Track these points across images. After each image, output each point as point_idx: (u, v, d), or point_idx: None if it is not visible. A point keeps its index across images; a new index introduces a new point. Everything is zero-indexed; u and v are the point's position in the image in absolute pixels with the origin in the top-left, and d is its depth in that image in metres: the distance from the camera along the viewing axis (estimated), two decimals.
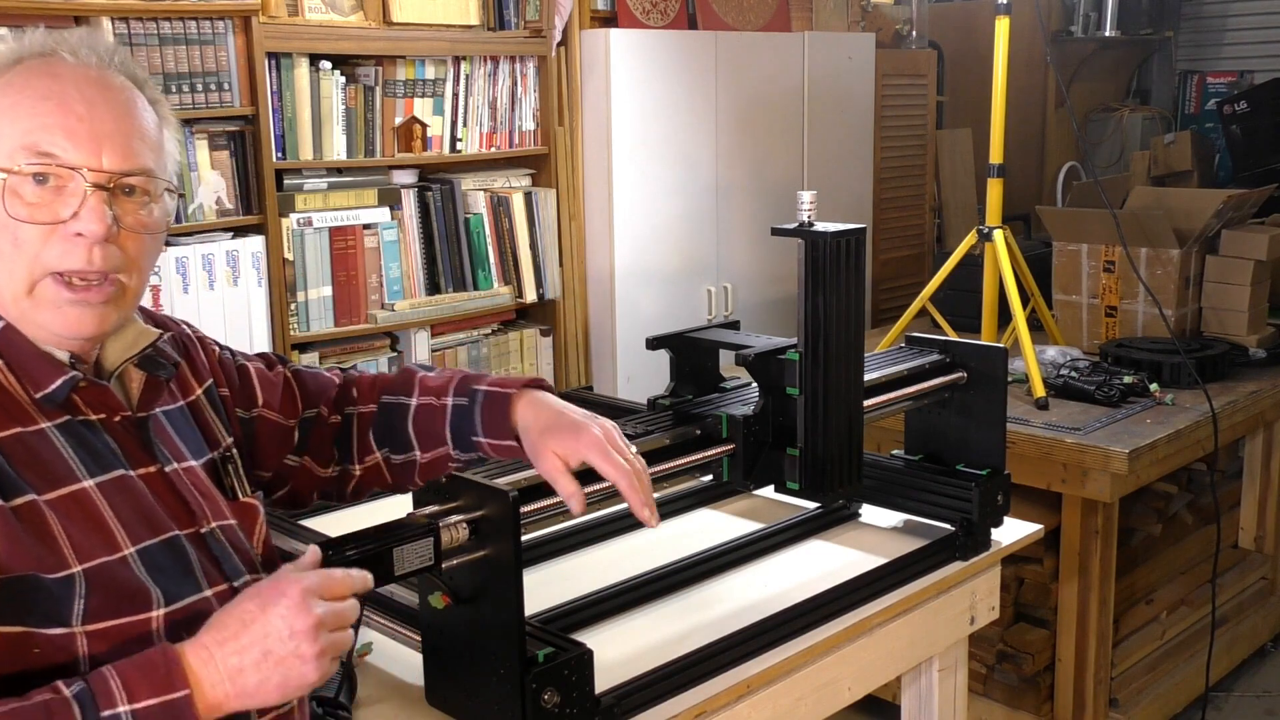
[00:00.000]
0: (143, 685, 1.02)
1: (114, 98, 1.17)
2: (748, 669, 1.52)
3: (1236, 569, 3.54)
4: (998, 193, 3.22)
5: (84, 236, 1.12)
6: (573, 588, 1.67)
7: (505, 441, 1.40)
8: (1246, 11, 5.75)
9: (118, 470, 1.15)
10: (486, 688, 1.30)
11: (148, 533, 1.15)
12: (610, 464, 1.34)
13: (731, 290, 4.15)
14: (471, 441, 1.42)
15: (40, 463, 1.10)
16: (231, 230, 3.11)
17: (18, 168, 1.11)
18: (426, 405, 1.46)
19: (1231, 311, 3.31)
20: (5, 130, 1.12)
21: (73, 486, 1.11)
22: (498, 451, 1.42)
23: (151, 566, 1.13)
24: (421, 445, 1.45)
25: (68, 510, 1.09)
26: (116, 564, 1.10)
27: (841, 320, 1.64)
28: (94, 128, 1.14)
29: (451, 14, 3.48)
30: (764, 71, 4.15)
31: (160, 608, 1.12)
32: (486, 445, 1.42)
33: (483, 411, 1.42)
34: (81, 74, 1.16)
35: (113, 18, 2.82)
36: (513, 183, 3.77)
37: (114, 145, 1.15)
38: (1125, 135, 5.75)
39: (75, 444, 1.13)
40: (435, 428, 1.44)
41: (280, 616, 1.05)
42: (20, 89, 1.14)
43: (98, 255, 1.13)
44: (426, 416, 1.45)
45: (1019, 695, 2.96)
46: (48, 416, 1.13)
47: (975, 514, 1.83)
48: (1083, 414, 2.84)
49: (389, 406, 1.48)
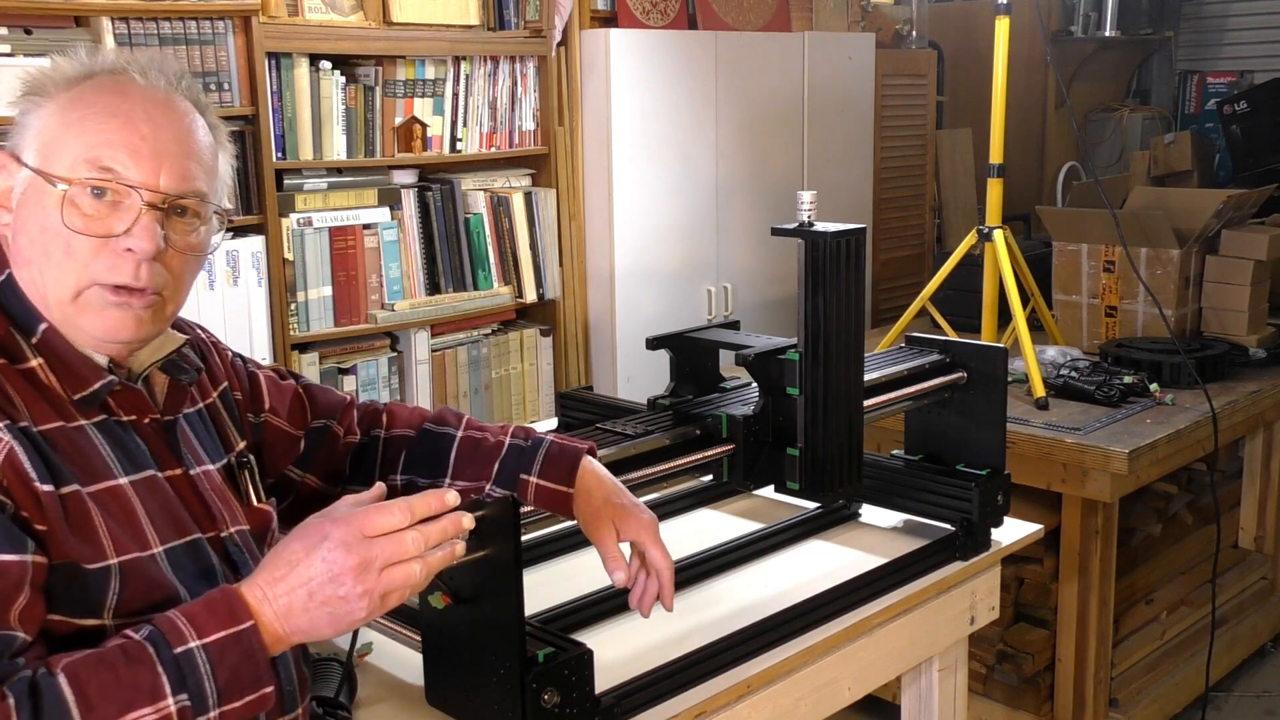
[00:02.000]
0: (209, 621, 1.04)
1: (177, 121, 1.20)
2: (748, 669, 1.52)
3: (1236, 569, 3.54)
4: (998, 193, 3.21)
5: (133, 253, 1.15)
6: (573, 588, 1.67)
7: (560, 488, 1.41)
8: (1246, 11, 5.75)
9: (148, 470, 1.17)
10: (486, 688, 1.30)
11: (173, 534, 1.17)
12: (661, 552, 1.40)
13: (731, 290, 4.15)
14: (519, 480, 1.42)
15: (82, 456, 1.12)
16: (231, 230, 3.11)
17: (78, 179, 1.14)
18: (476, 438, 1.47)
19: (1231, 311, 3.31)
20: (70, 142, 1.15)
21: (110, 482, 1.13)
22: (543, 496, 1.42)
23: (176, 567, 1.15)
24: (457, 473, 1.45)
25: (106, 504, 1.11)
26: (147, 560, 1.13)
27: (841, 320, 1.64)
28: (155, 148, 1.16)
29: (451, 14, 3.48)
30: (764, 71, 4.15)
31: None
32: (535, 486, 1.42)
33: (548, 456, 1.43)
34: (149, 95, 1.19)
35: (113, 18, 2.82)
36: (513, 183, 3.77)
37: (172, 166, 1.17)
38: (1125, 135, 5.75)
39: (112, 442, 1.16)
40: (481, 459, 1.45)
41: (322, 559, 1.06)
42: (89, 104, 1.16)
43: (144, 272, 1.16)
44: (473, 448, 1.46)
45: (1019, 695, 2.96)
46: (85, 416, 1.15)
47: (975, 514, 1.83)
48: (1083, 414, 2.84)
49: (432, 434, 1.49)
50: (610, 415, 1.89)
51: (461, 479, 1.44)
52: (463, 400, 3.65)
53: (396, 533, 1.08)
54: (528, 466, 1.43)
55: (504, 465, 1.44)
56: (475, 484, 1.44)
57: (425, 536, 1.10)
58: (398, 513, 1.09)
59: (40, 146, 1.16)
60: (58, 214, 1.14)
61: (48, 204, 1.14)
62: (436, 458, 1.46)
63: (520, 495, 1.42)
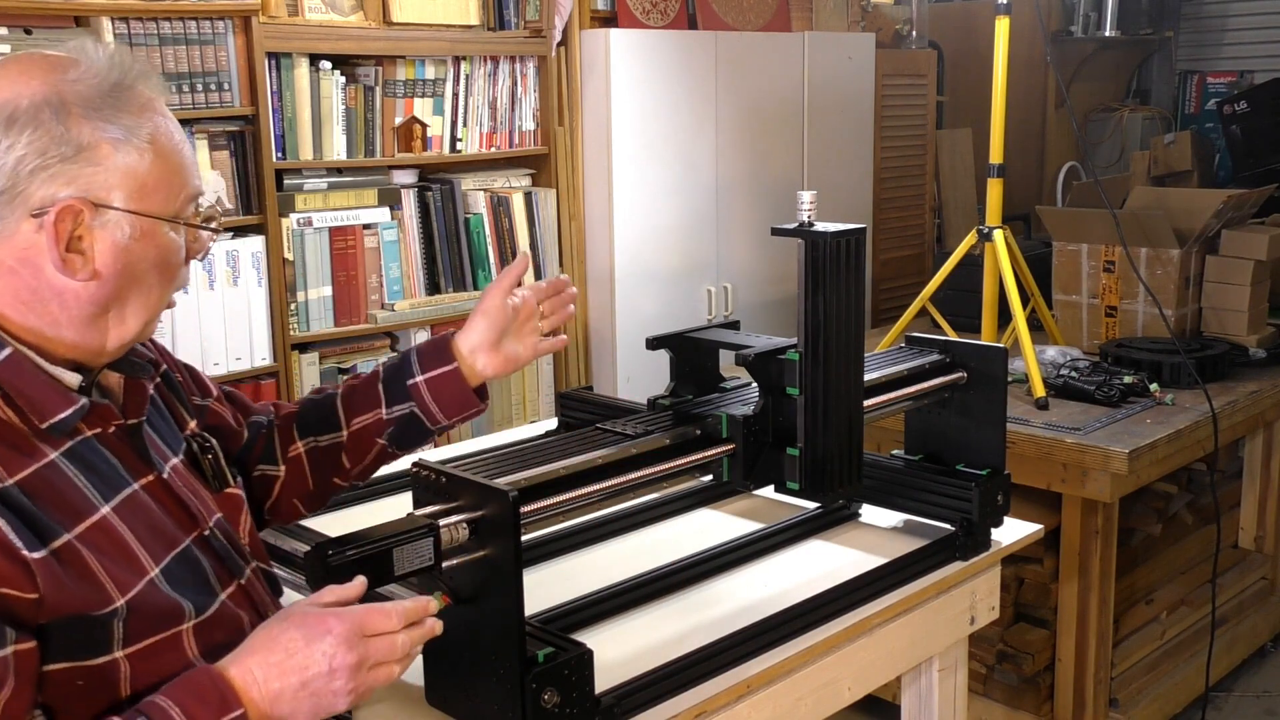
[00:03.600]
0: (201, 711, 1.04)
1: None
2: (748, 669, 1.52)
3: (1236, 569, 3.54)
4: (998, 193, 3.21)
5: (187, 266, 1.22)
6: (573, 588, 1.67)
7: (445, 369, 1.45)
8: (1246, 11, 5.75)
9: (125, 488, 1.15)
10: (486, 688, 1.30)
11: (164, 549, 1.15)
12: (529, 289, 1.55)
13: (731, 290, 4.14)
14: (408, 388, 1.46)
15: (61, 497, 1.08)
16: (231, 230, 3.11)
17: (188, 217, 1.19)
18: (352, 383, 1.52)
19: (1231, 311, 3.31)
20: (169, 180, 1.16)
21: (94, 517, 1.10)
22: (437, 386, 1.45)
23: (175, 581, 1.14)
24: (350, 416, 1.48)
25: (96, 541, 1.09)
26: (148, 587, 1.11)
27: (841, 320, 1.64)
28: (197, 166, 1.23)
29: (451, 14, 3.48)
30: (764, 71, 4.15)
31: (191, 619, 1.14)
32: (424, 382, 1.45)
33: (421, 354, 1.47)
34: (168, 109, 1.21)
35: (113, 18, 2.82)
36: (513, 183, 3.77)
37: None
38: (1125, 135, 5.75)
39: (84, 469, 1.12)
40: (364, 394, 1.48)
41: (323, 653, 1.08)
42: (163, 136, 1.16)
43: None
44: (351, 390, 1.50)
45: (1019, 695, 2.96)
46: (52, 445, 1.10)
47: (975, 514, 1.83)
48: (1083, 414, 2.84)
49: (312, 400, 1.53)
50: (610, 415, 1.88)
51: (356, 419, 1.48)
52: None
53: (390, 635, 1.12)
54: (409, 372, 1.47)
55: (387, 386, 1.48)
56: (371, 416, 1.48)
57: (411, 640, 1.15)
58: (394, 617, 1.13)
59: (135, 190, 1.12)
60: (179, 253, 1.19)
61: (164, 244, 1.17)
62: (325, 414, 1.50)
63: (418, 403, 1.46)
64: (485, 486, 1.30)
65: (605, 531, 1.90)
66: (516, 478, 1.40)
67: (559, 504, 1.43)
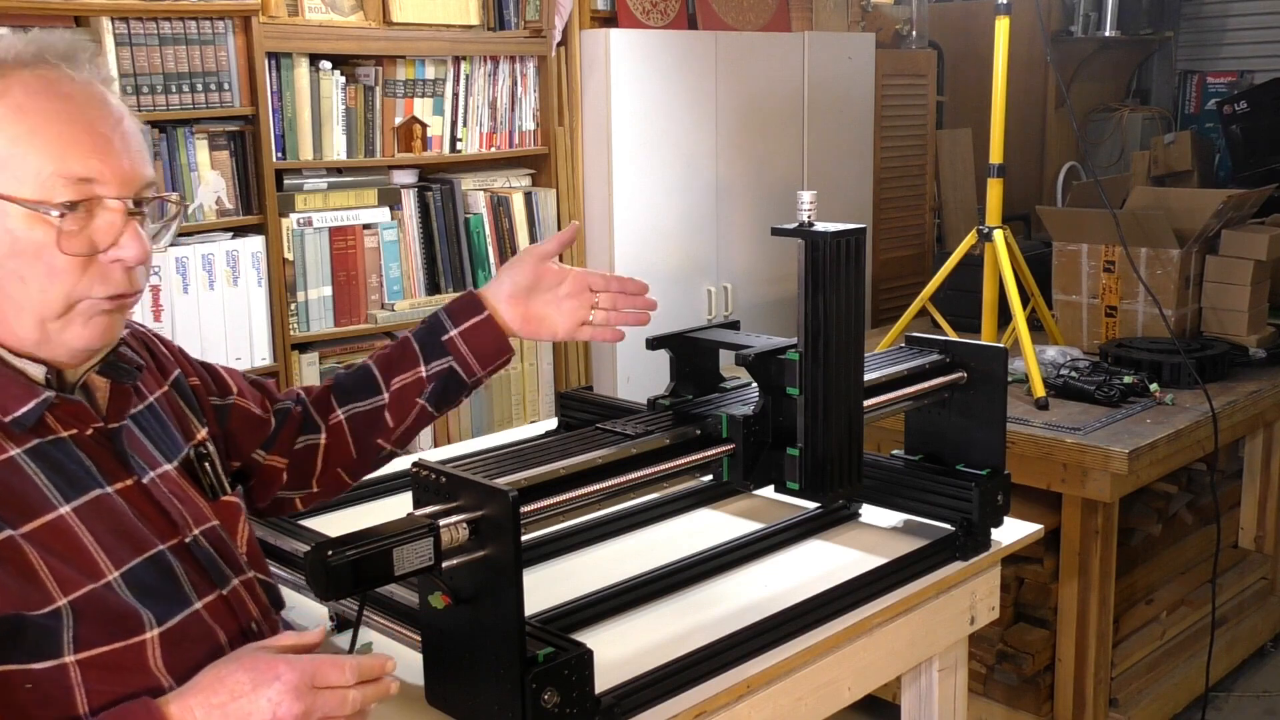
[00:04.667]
0: None
1: (114, 111, 1.14)
2: (748, 669, 1.52)
3: (1236, 569, 3.54)
4: (998, 193, 3.21)
5: (123, 262, 1.12)
6: (573, 588, 1.66)
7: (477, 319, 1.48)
8: (1246, 11, 5.75)
9: (94, 490, 1.12)
10: (486, 688, 1.30)
11: (131, 553, 1.12)
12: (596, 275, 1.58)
13: (731, 290, 4.14)
14: (443, 344, 1.48)
15: (13, 495, 1.06)
16: (231, 230, 3.11)
17: (57, 201, 1.08)
18: (384, 353, 1.52)
19: (1231, 311, 3.31)
20: (31, 158, 1.08)
21: (49, 515, 1.07)
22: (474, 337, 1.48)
23: (138, 587, 1.11)
24: (389, 380, 1.49)
25: (46, 541, 1.06)
26: (102, 590, 1.08)
27: (841, 320, 1.64)
28: (116, 149, 1.12)
29: (451, 14, 3.48)
30: (764, 71, 4.15)
31: (153, 629, 1.10)
32: (458, 335, 1.48)
33: (451, 311, 1.49)
34: (88, 91, 1.13)
35: (113, 18, 2.82)
36: (513, 183, 3.77)
37: (133, 163, 1.13)
38: (1125, 135, 5.75)
39: (47, 468, 1.10)
40: (400, 357, 1.49)
41: (268, 699, 1.04)
42: (36, 112, 1.09)
43: (135, 277, 1.14)
44: (386, 357, 1.51)
45: (1019, 695, 2.96)
46: (16, 442, 1.09)
47: (975, 514, 1.83)
48: (1083, 414, 2.84)
49: (345, 373, 1.53)
50: (610, 415, 1.88)
51: (396, 379, 1.49)
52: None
53: (340, 689, 1.08)
54: (441, 329, 1.48)
55: (424, 346, 1.49)
56: (411, 375, 1.49)
57: (363, 698, 1.09)
58: (347, 671, 1.08)
59: None
60: (32, 236, 1.07)
61: (13, 226, 1.07)
62: (363, 381, 1.50)
63: (455, 357, 1.48)
64: (485, 486, 1.30)
65: (605, 531, 1.90)
66: (516, 478, 1.40)
67: (559, 504, 1.43)
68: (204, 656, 1.13)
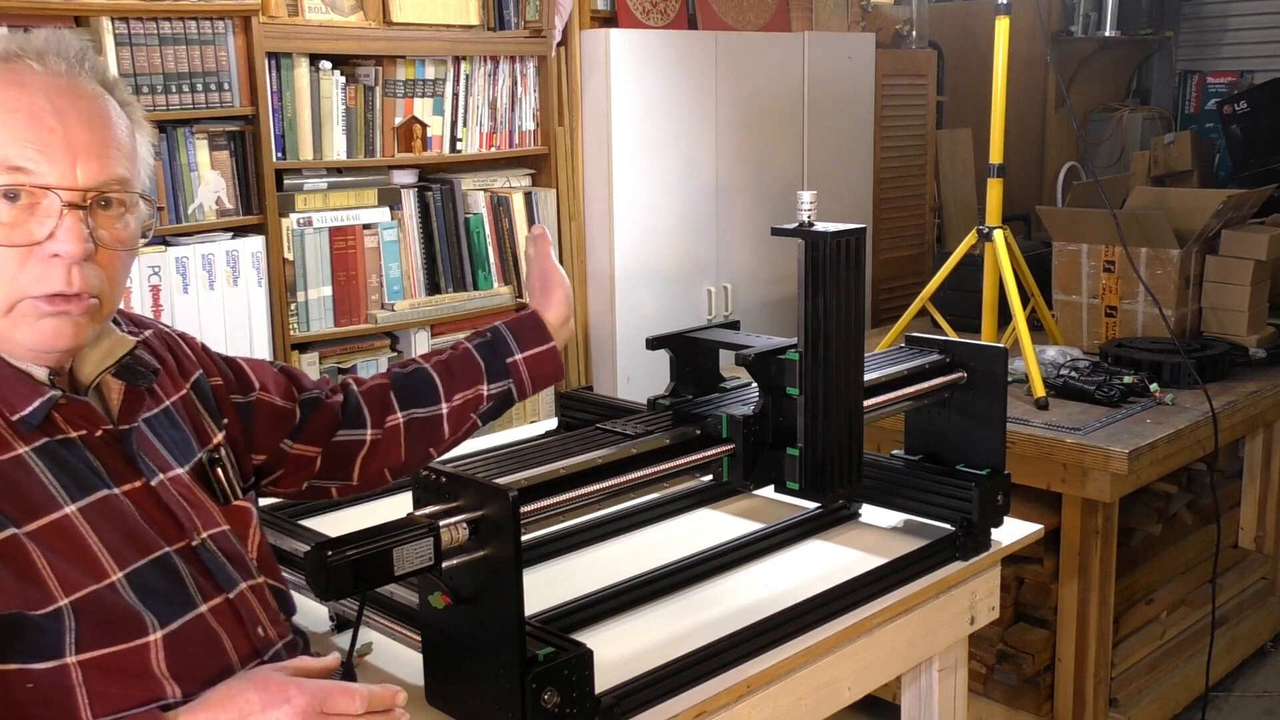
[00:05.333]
0: None
1: (86, 106, 1.12)
2: (748, 669, 1.52)
3: (1236, 569, 3.54)
4: (998, 193, 3.21)
5: (61, 258, 1.08)
6: (573, 588, 1.67)
7: (546, 345, 1.51)
8: (1246, 11, 5.75)
9: (100, 491, 1.12)
10: (486, 688, 1.30)
11: (135, 554, 1.12)
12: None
13: (731, 290, 4.15)
14: (509, 365, 1.49)
15: (18, 493, 1.06)
16: (231, 230, 3.11)
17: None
18: (443, 360, 1.52)
19: (1231, 311, 3.31)
20: None
21: (54, 515, 1.07)
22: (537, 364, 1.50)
23: (142, 589, 1.11)
24: (450, 392, 1.49)
25: (50, 541, 1.06)
26: (105, 591, 1.08)
27: (841, 320, 1.64)
28: (67, 140, 1.09)
29: (451, 14, 3.48)
30: (764, 71, 4.15)
31: (156, 631, 1.10)
32: (525, 361, 1.50)
33: (515, 333, 1.51)
34: (50, 82, 1.11)
35: (113, 18, 2.82)
36: (513, 183, 3.77)
37: (88, 158, 1.10)
38: (1125, 135, 5.75)
39: (55, 467, 1.10)
40: (463, 370, 1.50)
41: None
42: None
43: (76, 276, 1.09)
44: (447, 366, 1.51)
45: (1019, 695, 2.96)
46: (24, 440, 1.09)
47: (975, 514, 1.83)
48: (1083, 414, 2.84)
49: (403, 373, 1.53)
50: (610, 415, 1.89)
51: (458, 394, 1.50)
52: None
53: (350, 717, 1.08)
54: (506, 350, 1.50)
55: (487, 363, 1.50)
56: (473, 392, 1.50)
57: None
58: (358, 700, 1.08)
59: None
60: None
61: None
62: (424, 387, 1.51)
63: (515, 379, 1.50)
64: (485, 486, 1.30)
65: (605, 531, 1.90)
66: (516, 478, 1.40)
67: (559, 504, 1.43)
68: (208, 660, 1.14)
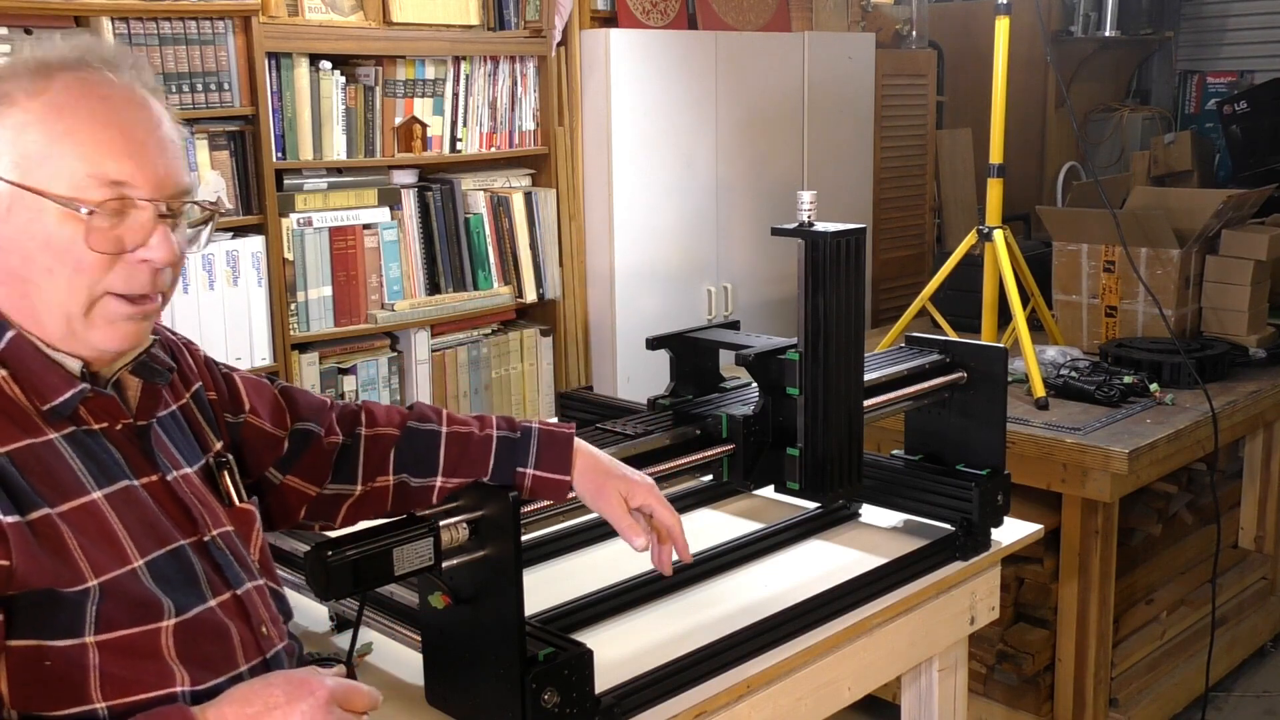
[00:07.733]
0: None
1: (155, 119, 1.17)
2: (748, 669, 1.52)
3: (1236, 569, 3.54)
4: (998, 193, 3.22)
5: (150, 263, 1.14)
6: (573, 588, 1.67)
7: (560, 476, 1.42)
8: (1246, 11, 5.75)
9: (122, 481, 1.15)
10: (486, 688, 1.31)
11: (154, 544, 1.15)
12: (667, 511, 1.45)
13: (731, 290, 4.15)
14: (516, 473, 1.42)
15: (51, 475, 1.10)
16: (231, 230, 3.11)
17: (91, 199, 1.10)
18: (462, 434, 1.45)
19: (1231, 311, 3.31)
20: (66, 156, 1.10)
21: (83, 499, 1.11)
22: (542, 486, 1.42)
23: (159, 578, 1.14)
24: (449, 471, 1.43)
25: (80, 523, 1.09)
26: (127, 576, 1.11)
27: (841, 320, 1.64)
28: (153, 154, 1.14)
29: (451, 14, 3.48)
30: (764, 71, 4.15)
31: (171, 617, 1.13)
32: (532, 477, 1.42)
33: (540, 446, 1.43)
34: (127, 95, 1.15)
35: (113, 18, 2.82)
36: (513, 183, 3.77)
37: (168, 170, 1.15)
38: (1125, 135, 5.75)
39: (82, 455, 1.13)
40: (472, 455, 1.44)
41: (302, 714, 1.08)
42: (73, 112, 1.11)
43: (161, 279, 1.16)
44: (461, 444, 1.44)
45: (1019, 695, 2.96)
46: (54, 428, 1.12)
47: (975, 514, 1.83)
48: (1083, 414, 2.84)
49: (416, 432, 1.46)
50: (610, 415, 1.89)
51: (455, 477, 1.43)
52: (462, 400, 3.65)
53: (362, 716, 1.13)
54: (523, 459, 1.43)
55: (498, 460, 1.43)
56: (471, 481, 1.43)
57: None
58: (369, 698, 1.14)
59: (20, 159, 1.10)
60: (63, 231, 1.10)
61: (47, 221, 1.10)
62: (426, 456, 1.45)
63: (516, 486, 1.42)
64: (485, 486, 1.30)
65: (605, 531, 1.90)
66: None
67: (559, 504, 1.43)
68: (216, 649, 1.16)
